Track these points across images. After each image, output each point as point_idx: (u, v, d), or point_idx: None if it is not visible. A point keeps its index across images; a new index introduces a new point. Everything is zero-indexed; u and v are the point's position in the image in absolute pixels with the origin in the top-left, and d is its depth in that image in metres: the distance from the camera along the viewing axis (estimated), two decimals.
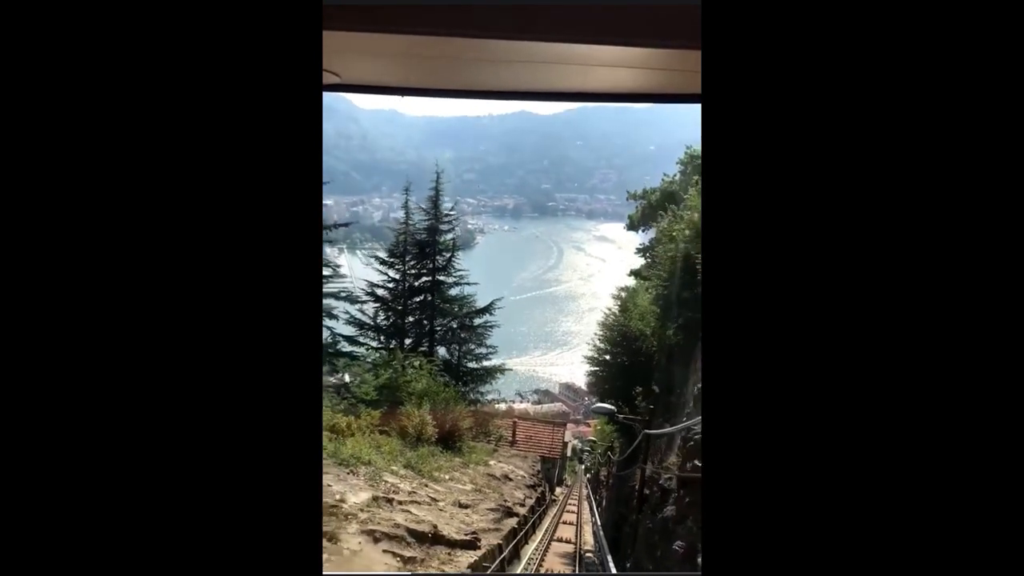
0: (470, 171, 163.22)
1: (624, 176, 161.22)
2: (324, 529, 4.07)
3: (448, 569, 4.56)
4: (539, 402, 47.64)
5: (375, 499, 5.34)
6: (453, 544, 5.16)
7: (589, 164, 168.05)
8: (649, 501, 7.30)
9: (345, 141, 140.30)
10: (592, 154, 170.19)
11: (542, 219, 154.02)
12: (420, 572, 3.60)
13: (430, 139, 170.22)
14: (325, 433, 8.05)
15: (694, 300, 9.02)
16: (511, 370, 23.64)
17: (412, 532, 4.77)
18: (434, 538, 5.02)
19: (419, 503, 6.27)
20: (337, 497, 4.90)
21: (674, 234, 10.71)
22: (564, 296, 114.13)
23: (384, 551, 4.17)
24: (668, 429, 7.21)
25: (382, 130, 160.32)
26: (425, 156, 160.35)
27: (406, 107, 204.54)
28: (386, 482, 6.71)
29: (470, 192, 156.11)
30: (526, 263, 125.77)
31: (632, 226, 16.19)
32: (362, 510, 4.83)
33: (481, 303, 18.91)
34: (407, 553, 4.35)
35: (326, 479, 5.49)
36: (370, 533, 4.38)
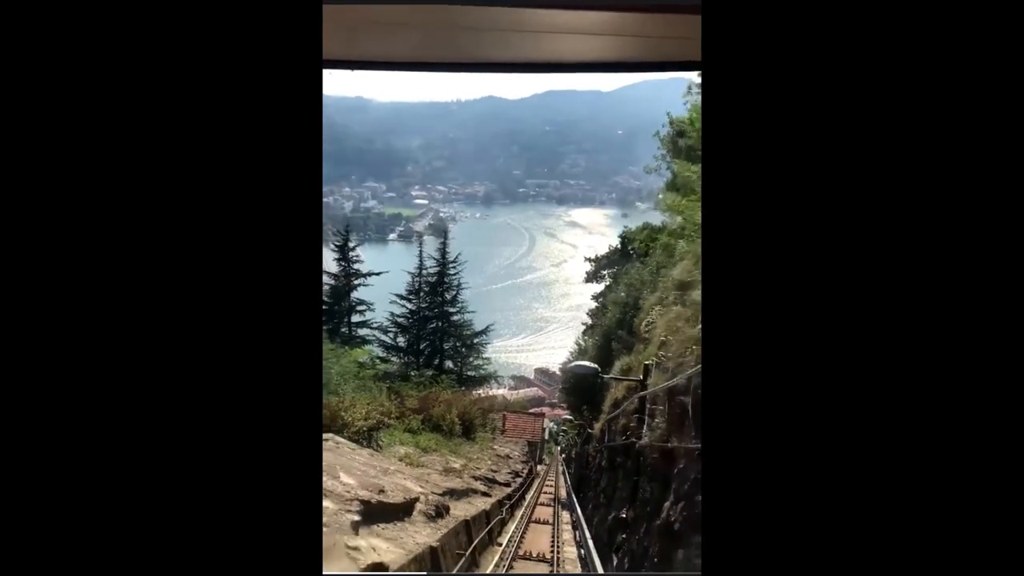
0: (440, 158, 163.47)
1: (593, 160, 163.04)
2: (455, 477, 10.13)
3: (491, 495, 10.71)
4: (515, 388, 49.86)
5: (462, 464, 11.56)
6: (502, 485, 11.53)
7: (558, 149, 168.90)
8: (590, 463, 13.87)
9: None
10: (560, 139, 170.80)
11: (513, 205, 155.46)
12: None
13: (398, 126, 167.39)
14: (407, 433, 14.02)
15: (624, 345, 15.33)
16: (501, 376, 28.81)
17: (485, 478, 11.12)
18: (492, 481, 11.36)
19: (473, 469, 12.45)
20: (449, 462, 11.12)
21: (609, 300, 16.94)
22: (537, 283, 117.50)
23: (480, 484, 10.37)
24: (592, 431, 13.67)
25: (349, 117, 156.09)
26: (394, 144, 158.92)
27: (372, 92, 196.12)
28: (448, 460, 12.75)
29: (441, 180, 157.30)
30: (499, 251, 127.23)
31: (588, 279, 22.82)
32: (463, 468, 11.07)
33: (479, 326, 25.30)
34: (488, 487, 10.69)
35: (433, 458, 11.55)
36: (474, 476, 10.64)
